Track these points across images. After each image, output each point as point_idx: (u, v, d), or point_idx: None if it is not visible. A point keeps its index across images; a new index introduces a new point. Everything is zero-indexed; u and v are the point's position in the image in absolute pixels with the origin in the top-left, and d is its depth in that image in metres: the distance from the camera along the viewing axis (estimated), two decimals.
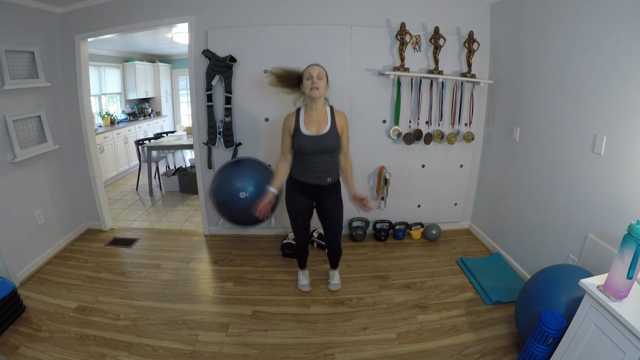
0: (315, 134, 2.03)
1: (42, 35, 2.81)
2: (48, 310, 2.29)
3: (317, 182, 2.13)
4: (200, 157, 3.15)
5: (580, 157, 2.07)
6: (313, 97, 1.99)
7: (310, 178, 2.12)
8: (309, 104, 2.05)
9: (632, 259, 1.26)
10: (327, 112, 2.08)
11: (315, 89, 1.96)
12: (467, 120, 3.08)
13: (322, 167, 2.10)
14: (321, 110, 2.06)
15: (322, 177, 2.12)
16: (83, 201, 3.38)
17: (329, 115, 2.07)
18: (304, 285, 2.53)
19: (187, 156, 5.91)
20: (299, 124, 2.05)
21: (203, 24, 2.83)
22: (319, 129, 2.04)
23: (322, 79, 1.99)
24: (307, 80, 1.98)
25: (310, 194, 2.20)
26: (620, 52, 1.78)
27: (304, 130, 2.03)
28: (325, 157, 2.09)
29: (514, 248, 2.78)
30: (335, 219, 2.27)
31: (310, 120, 2.05)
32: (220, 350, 1.98)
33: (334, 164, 2.17)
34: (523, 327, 1.84)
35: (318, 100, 2.02)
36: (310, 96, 1.99)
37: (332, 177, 2.16)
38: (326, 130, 2.04)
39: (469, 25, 2.88)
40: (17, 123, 2.59)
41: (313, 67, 2.00)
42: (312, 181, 2.12)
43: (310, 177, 2.12)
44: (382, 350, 1.98)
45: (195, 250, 3.11)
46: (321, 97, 2.03)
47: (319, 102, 2.04)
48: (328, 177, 2.14)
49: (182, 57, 7.28)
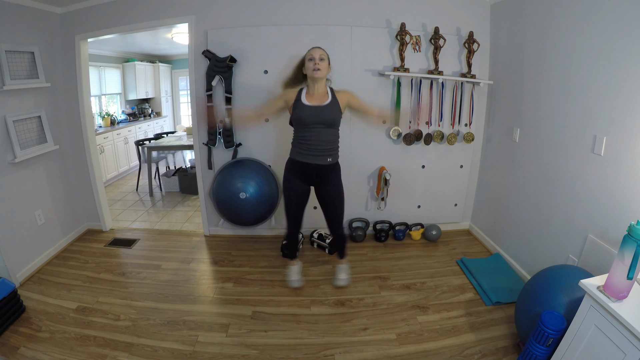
0: (316, 104, 2.06)
1: (42, 36, 2.81)
2: (48, 310, 2.29)
3: (317, 162, 2.12)
4: (200, 157, 3.15)
5: (580, 157, 2.07)
6: (315, 78, 2.03)
7: (310, 157, 2.11)
8: (311, 84, 2.09)
9: (632, 260, 1.26)
10: (328, 92, 2.12)
11: (317, 70, 2.01)
12: (467, 120, 3.08)
13: (322, 145, 2.10)
14: (322, 90, 2.11)
15: (322, 156, 2.11)
16: (83, 202, 3.38)
17: (330, 93, 2.11)
18: (295, 281, 2.49)
19: (187, 157, 5.91)
20: (300, 96, 2.09)
21: (203, 24, 2.83)
22: (320, 102, 2.07)
23: (324, 61, 2.05)
24: (309, 61, 2.04)
25: (310, 177, 2.18)
26: (621, 52, 1.78)
27: (305, 101, 2.07)
28: (326, 132, 2.08)
29: (514, 248, 2.77)
30: (337, 203, 2.26)
31: (311, 97, 2.09)
32: (220, 351, 1.98)
33: (334, 143, 2.16)
34: (523, 327, 1.84)
35: (319, 81, 2.06)
36: (313, 77, 2.04)
37: (332, 157, 2.16)
38: (327, 102, 2.07)
39: (469, 25, 2.88)
40: (17, 123, 2.59)
41: (315, 50, 2.06)
42: (312, 160, 2.11)
43: (310, 157, 2.11)
44: (382, 351, 1.98)
45: (196, 251, 3.11)
46: (323, 79, 2.08)
47: (321, 83, 2.08)
48: (328, 156, 2.13)
49: (182, 58, 7.28)
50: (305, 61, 2.08)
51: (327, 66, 2.07)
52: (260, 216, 3.08)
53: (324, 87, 2.12)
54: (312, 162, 2.12)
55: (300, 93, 2.10)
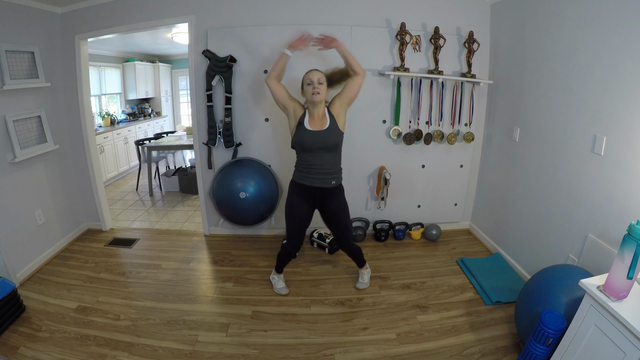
0: (317, 129, 2.07)
1: (42, 35, 2.81)
2: (48, 310, 2.29)
3: (321, 185, 2.13)
4: (200, 157, 3.15)
5: (580, 157, 2.07)
6: (314, 102, 2.04)
7: (314, 181, 2.12)
8: (311, 108, 2.10)
9: (632, 259, 1.26)
10: (325, 113, 2.12)
11: (317, 94, 2.02)
12: (467, 120, 3.08)
13: (326, 169, 2.11)
14: (322, 112, 2.11)
15: (326, 179, 2.13)
16: (83, 201, 3.38)
17: (327, 114, 2.12)
18: (281, 289, 2.49)
19: (187, 156, 5.91)
20: (304, 119, 2.09)
21: (203, 24, 2.83)
22: (320, 126, 2.08)
23: (323, 84, 2.05)
24: (308, 85, 2.04)
25: (314, 199, 2.20)
26: (621, 52, 1.78)
27: (307, 125, 2.07)
28: (328, 156, 2.10)
29: (514, 248, 2.77)
30: (342, 222, 2.28)
31: (313, 120, 2.10)
32: (220, 351, 1.98)
33: (337, 165, 2.18)
34: (523, 327, 1.84)
35: (319, 105, 2.07)
36: (312, 101, 2.04)
37: (335, 180, 2.18)
38: (327, 126, 2.08)
39: (469, 25, 2.88)
40: (17, 123, 2.59)
41: (313, 73, 2.06)
42: (316, 184, 2.13)
43: (314, 180, 2.12)
44: (382, 351, 1.98)
45: (195, 251, 3.11)
46: (322, 102, 2.09)
47: (320, 107, 2.09)
48: (332, 179, 2.15)
49: (182, 57, 7.28)
50: (304, 85, 2.07)
51: (325, 89, 2.06)
52: (260, 216, 3.08)
53: (323, 109, 2.11)
54: (316, 186, 2.13)
55: (304, 116, 2.10)
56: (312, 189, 2.15)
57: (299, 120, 2.09)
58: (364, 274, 2.57)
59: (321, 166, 2.10)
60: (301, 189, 2.18)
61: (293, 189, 2.23)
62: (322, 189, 2.15)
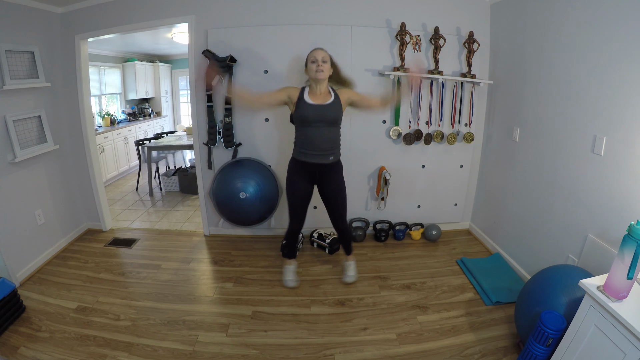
0: (319, 103, 2.08)
1: (42, 35, 2.81)
2: (48, 310, 2.29)
3: (320, 161, 2.14)
4: (200, 157, 3.15)
5: (580, 157, 2.07)
6: (318, 79, 2.06)
7: (313, 157, 2.13)
8: (313, 85, 2.11)
9: (632, 260, 1.26)
10: (330, 91, 2.14)
11: (321, 71, 2.04)
12: (467, 120, 3.08)
13: (325, 144, 2.12)
14: (325, 90, 2.13)
15: (325, 155, 2.14)
16: (83, 201, 3.38)
17: (332, 92, 2.14)
18: (290, 281, 2.51)
19: (187, 156, 5.91)
20: (303, 95, 2.11)
21: (203, 24, 2.83)
22: (323, 101, 2.09)
23: (327, 62, 2.08)
24: (312, 63, 2.07)
25: (312, 175, 2.21)
26: (621, 52, 1.78)
27: (308, 99, 2.09)
28: (328, 130, 2.11)
29: (514, 248, 2.77)
30: (339, 200, 2.30)
31: (314, 95, 2.11)
32: (220, 351, 1.98)
33: (336, 141, 2.19)
34: (523, 327, 1.84)
35: (322, 82, 2.09)
36: (316, 78, 2.06)
37: (334, 156, 2.19)
38: (330, 101, 2.10)
39: (469, 25, 2.88)
40: (17, 123, 2.59)
41: (317, 51, 2.08)
42: (315, 160, 2.13)
43: (313, 156, 2.13)
44: (382, 351, 1.98)
45: (195, 251, 3.11)
46: (325, 80, 2.10)
47: (323, 85, 2.11)
48: (330, 155, 2.16)
49: (182, 57, 7.28)
50: (308, 63, 2.11)
51: (329, 67, 2.10)
52: (260, 216, 3.08)
53: (326, 87, 2.14)
54: (314, 162, 2.14)
55: (303, 92, 2.12)
56: (310, 164, 2.16)
57: (298, 97, 2.10)
58: (350, 265, 2.58)
59: (320, 141, 2.11)
60: (300, 166, 2.19)
61: (292, 166, 2.25)
62: (321, 165, 2.16)
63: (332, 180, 2.25)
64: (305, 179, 2.23)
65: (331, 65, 2.15)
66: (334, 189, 2.27)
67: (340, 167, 2.27)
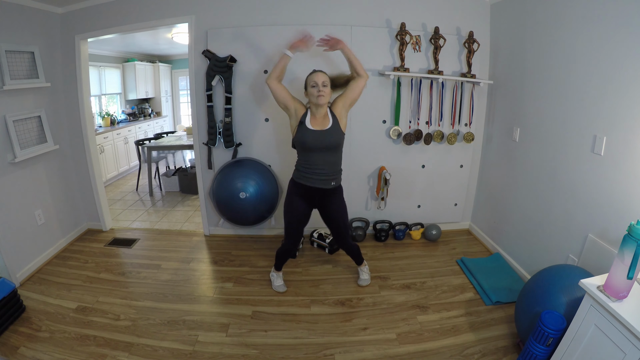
0: (319, 129, 2.07)
1: (42, 36, 2.81)
2: (48, 310, 2.29)
3: (321, 186, 2.14)
4: (200, 157, 3.15)
5: (580, 157, 2.07)
6: (319, 105, 2.05)
7: (314, 182, 2.13)
8: (314, 109, 2.10)
9: (632, 259, 1.26)
10: (328, 114, 2.13)
11: (322, 96, 2.02)
12: (467, 120, 3.08)
13: (326, 170, 2.12)
14: (324, 113, 2.12)
15: (327, 180, 2.14)
16: (83, 201, 3.38)
17: (330, 114, 2.13)
18: (279, 286, 2.51)
19: (187, 156, 5.91)
20: (305, 118, 2.09)
21: (203, 24, 2.83)
22: (322, 126, 2.08)
23: (327, 86, 2.06)
24: (313, 87, 2.04)
25: (313, 199, 2.21)
26: (621, 52, 1.78)
27: (309, 125, 2.07)
28: (329, 156, 2.11)
29: (514, 248, 2.77)
30: (341, 222, 2.30)
31: (315, 120, 2.10)
32: (220, 351, 1.98)
33: (337, 166, 2.19)
34: (523, 327, 1.84)
35: (323, 106, 2.08)
36: (317, 103, 2.05)
37: (335, 181, 2.19)
38: (329, 126, 2.08)
39: (469, 25, 2.88)
40: (17, 123, 2.59)
41: (317, 75, 2.05)
42: (316, 185, 2.13)
43: (314, 181, 2.13)
44: (382, 351, 1.98)
45: (195, 251, 3.11)
46: (326, 104, 2.09)
47: (323, 109, 2.10)
48: (332, 180, 2.16)
49: (182, 57, 7.28)
50: (308, 87, 2.07)
51: (329, 91, 2.07)
52: (260, 216, 3.08)
53: (326, 109, 2.13)
54: (316, 186, 2.14)
55: (306, 115, 2.10)
56: (311, 189, 2.15)
57: (301, 120, 2.09)
58: (363, 271, 2.59)
59: (322, 166, 2.11)
60: (301, 189, 2.19)
61: (292, 188, 2.23)
62: (322, 189, 2.16)
63: (333, 203, 2.24)
64: (305, 201, 2.22)
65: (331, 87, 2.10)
66: (335, 210, 2.26)
67: (340, 191, 2.27)
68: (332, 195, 2.21)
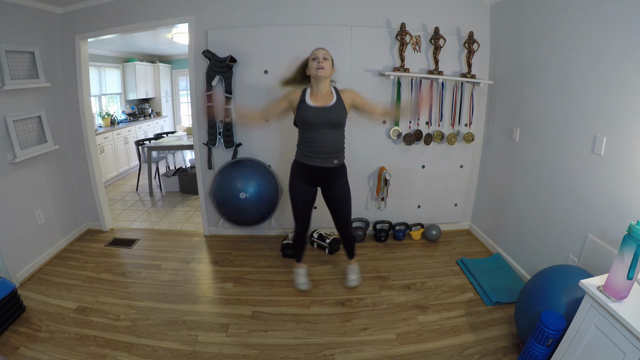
0: (321, 105, 2.04)
1: (42, 36, 2.81)
2: (48, 310, 2.29)
3: (323, 165, 2.11)
4: (200, 157, 3.15)
5: (580, 157, 2.07)
6: (319, 77, 2.02)
7: (316, 160, 2.10)
8: (314, 85, 2.07)
9: (632, 260, 1.26)
10: (332, 92, 2.09)
11: (321, 68, 1.99)
12: (467, 120, 3.08)
13: (328, 147, 2.08)
14: (327, 91, 2.09)
15: (329, 158, 2.11)
16: (83, 201, 3.38)
17: (335, 94, 2.09)
18: (302, 284, 2.49)
19: (187, 157, 5.91)
20: (305, 97, 2.07)
21: (203, 24, 2.83)
22: (325, 102, 2.06)
23: (328, 60, 2.04)
24: (313, 60, 2.03)
25: (315, 179, 2.18)
26: (621, 52, 1.78)
27: (309, 102, 2.05)
28: (331, 133, 2.07)
29: (514, 248, 2.77)
30: (344, 203, 2.26)
31: (315, 97, 2.07)
32: (220, 351, 1.98)
33: (340, 144, 2.15)
34: (523, 327, 1.84)
35: (323, 81, 2.04)
36: (316, 76, 2.02)
37: (338, 159, 2.15)
38: (332, 102, 2.05)
39: (469, 25, 2.88)
40: (17, 123, 2.59)
41: (318, 50, 2.05)
42: (318, 163, 2.10)
43: (316, 159, 2.10)
44: (382, 351, 1.98)
45: (196, 251, 3.11)
46: (327, 78, 2.06)
47: (325, 83, 2.06)
48: (334, 158, 2.13)
49: (182, 58, 7.28)
50: (309, 61, 2.08)
51: (330, 66, 2.06)
52: (260, 216, 3.08)
53: (328, 88, 2.10)
54: (318, 165, 2.11)
55: (304, 94, 2.08)
56: (314, 168, 2.12)
57: (300, 99, 2.08)
58: (353, 269, 2.54)
59: (324, 144, 2.07)
60: (303, 169, 2.16)
61: (295, 169, 2.21)
62: (324, 168, 2.12)
63: (336, 184, 2.21)
64: (308, 181, 2.19)
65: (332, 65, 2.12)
66: (338, 192, 2.23)
67: (344, 170, 2.24)
68: (334, 174, 2.17)
